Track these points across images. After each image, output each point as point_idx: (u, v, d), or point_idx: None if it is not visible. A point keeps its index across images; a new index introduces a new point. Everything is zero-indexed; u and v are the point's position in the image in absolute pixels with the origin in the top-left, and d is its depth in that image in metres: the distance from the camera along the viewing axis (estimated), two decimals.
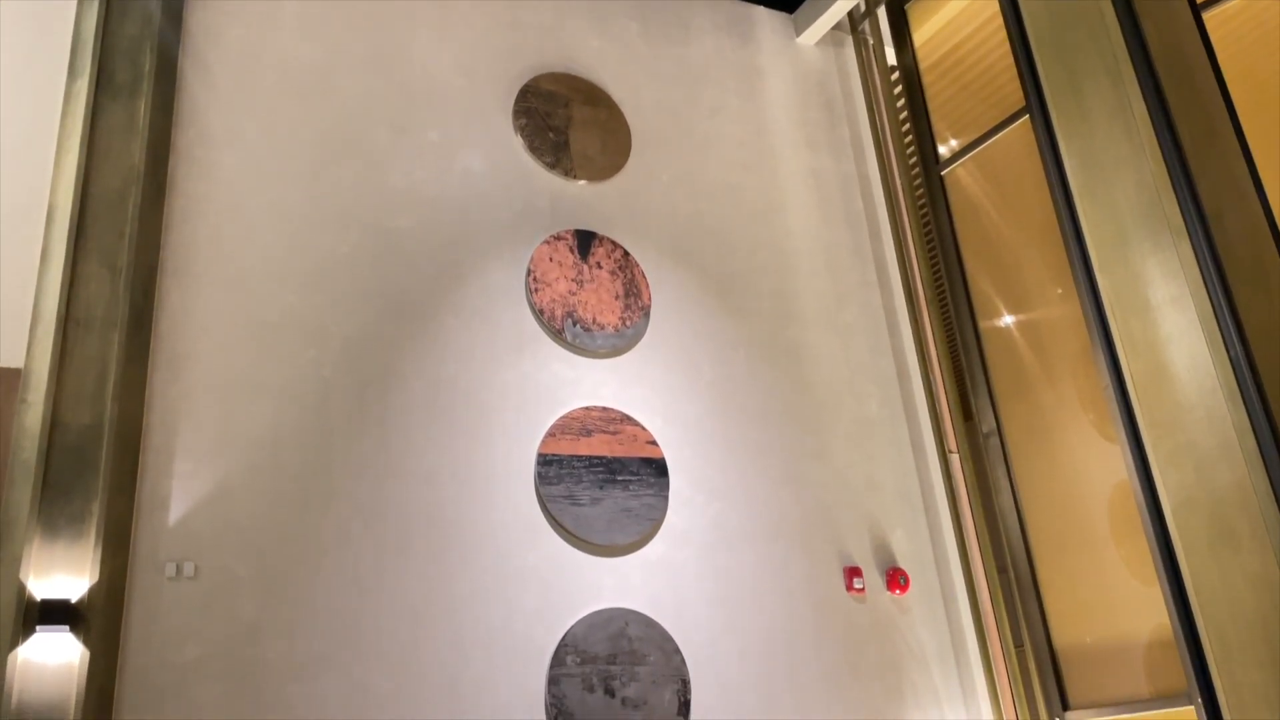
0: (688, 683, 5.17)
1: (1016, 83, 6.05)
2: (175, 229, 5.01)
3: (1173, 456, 4.83)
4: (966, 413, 6.51)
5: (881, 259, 7.04)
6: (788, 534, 5.84)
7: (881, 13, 7.49)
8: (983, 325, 6.32)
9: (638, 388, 5.80)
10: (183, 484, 4.59)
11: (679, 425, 5.81)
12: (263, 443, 4.81)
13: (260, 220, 5.22)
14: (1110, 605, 5.43)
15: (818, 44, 7.63)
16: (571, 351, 5.72)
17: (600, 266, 5.98)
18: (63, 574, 4.13)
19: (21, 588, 4.04)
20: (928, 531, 6.29)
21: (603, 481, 5.44)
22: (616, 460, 5.52)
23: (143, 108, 5.00)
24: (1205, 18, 5.26)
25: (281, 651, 4.49)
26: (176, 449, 4.63)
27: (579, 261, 5.93)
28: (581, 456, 5.44)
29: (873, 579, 5.95)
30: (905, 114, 7.26)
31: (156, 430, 4.63)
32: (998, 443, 6.10)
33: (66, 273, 4.53)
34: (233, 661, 4.39)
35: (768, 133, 7.07)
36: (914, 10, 7.11)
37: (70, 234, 4.60)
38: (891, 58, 7.46)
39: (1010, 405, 6.11)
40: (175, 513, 4.53)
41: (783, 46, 7.48)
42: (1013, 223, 6.26)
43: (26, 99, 4.95)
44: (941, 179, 6.67)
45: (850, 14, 7.73)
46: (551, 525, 5.26)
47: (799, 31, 7.52)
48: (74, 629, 4.06)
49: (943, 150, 6.73)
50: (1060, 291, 5.81)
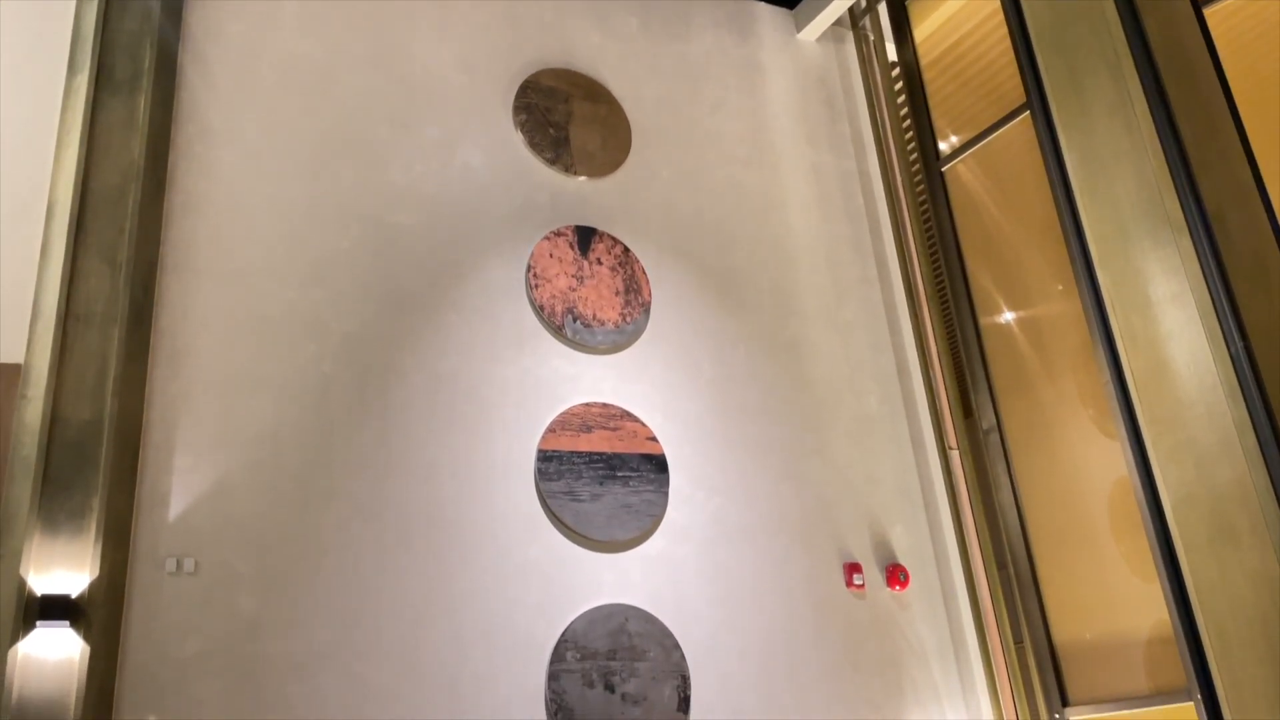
0: (688, 679, 5.18)
1: (1017, 79, 6.04)
2: (175, 224, 5.01)
3: (1173, 453, 4.83)
4: (966, 409, 6.51)
5: (882, 255, 7.04)
6: (788, 530, 5.84)
7: (882, 9, 7.48)
8: (983, 321, 6.32)
9: (638, 384, 5.80)
10: (183, 479, 4.59)
11: (679, 421, 5.81)
12: (263, 438, 4.81)
13: (260, 216, 5.22)
14: (1110, 601, 5.43)
15: (818, 40, 7.62)
16: (571, 347, 5.72)
17: (600, 263, 5.97)
18: (63, 569, 4.13)
19: (22, 583, 4.04)
20: (927, 528, 6.29)
21: (603, 477, 5.44)
22: (616, 456, 5.52)
23: (142, 104, 4.99)
24: (1206, 14, 5.25)
25: (281, 647, 4.50)
26: (177, 444, 4.64)
27: (579, 258, 5.93)
28: (581, 452, 5.44)
29: (872, 575, 5.95)
30: (906, 110, 7.25)
31: (157, 426, 4.63)
32: (998, 439, 6.10)
33: (66, 268, 4.53)
34: (233, 657, 4.40)
35: (768, 129, 7.06)
36: (915, 6, 7.09)
37: (70, 229, 4.59)
38: (892, 54, 7.45)
39: (1010, 401, 6.11)
40: (175, 508, 4.54)
41: (783, 42, 7.47)
42: (1013, 219, 6.25)
43: (26, 94, 4.94)
44: (942, 175, 6.66)
45: (851, 10, 7.72)
46: (551, 521, 5.27)
47: (800, 27, 7.52)
48: (74, 624, 4.07)
49: (943, 146, 6.72)
50: (1060, 288, 5.81)
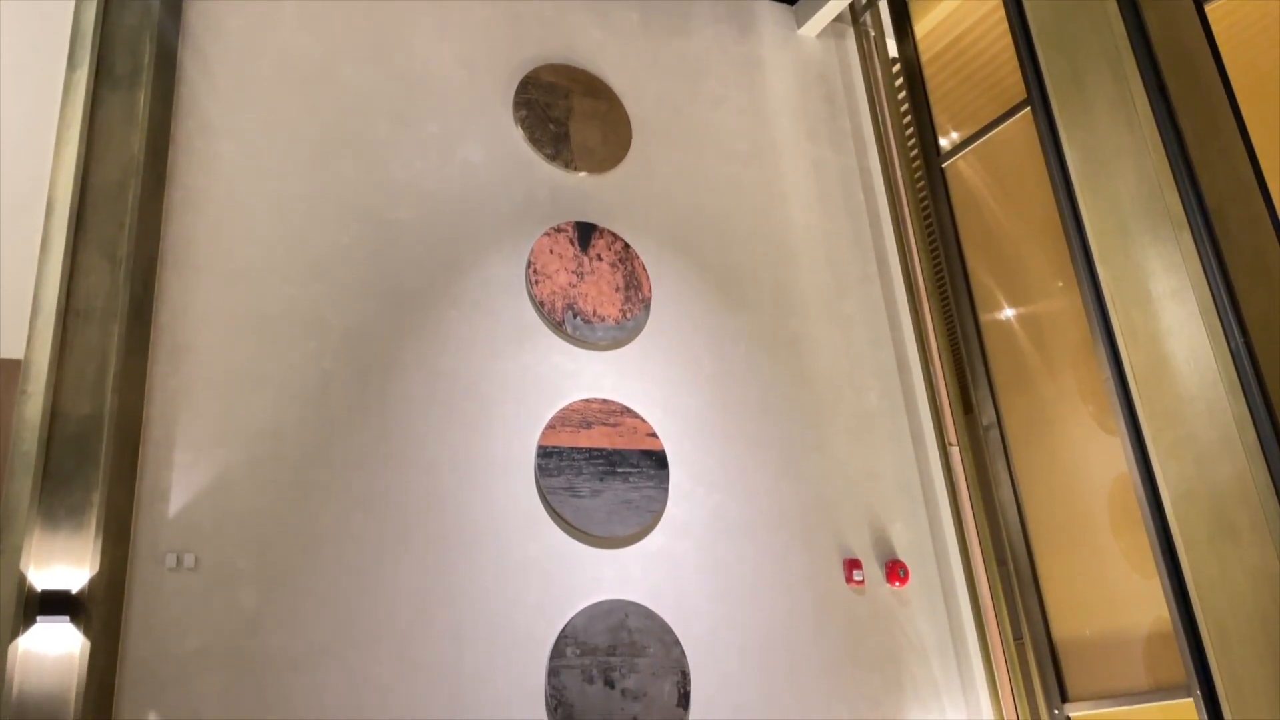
0: (687, 674, 5.18)
1: (1018, 75, 6.03)
2: (175, 220, 5.01)
3: (1173, 449, 4.83)
4: (966, 405, 6.51)
5: (882, 251, 7.04)
6: (788, 526, 5.84)
7: (883, 4, 7.47)
8: (983, 317, 6.31)
9: (638, 380, 5.80)
10: (183, 475, 4.59)
11: (679, 417, 5.81)
12: (263, 434, 4.81)
13: (260, 212, 5.22)
14: (1110, 598, 5.43)
15: (819, 36, 7.61)
16: (571, 344, 5.72)
17: (600, 259, 5.97)
18: (63, 565, 4.13)
19: (22, 578, 4.04)
20: (927, 524, 6.29)
21: (603, 473, 5.44)
22: (617, 452, 5.52)
23: (142, 99, 4.99)
24: (1208, 10, 5.24)
25: (282, 642, 4.50)
26: (177, 440, 4.64)
27: (579, 254, 5.93)
28: (582, 448, 5.44)
29: (872, 571, 5.96)
30: (906, 106, 7.24)
31: (157, 421, 4.63)
32: (998, 435, 6.10)
33: (66, 264, 4.52)
34: (233, 652, 4.40)
35: (769, 125, 7.06)
36: (916, 2, 7.08)
37: (70, 225, 4.59)
38: (893, 49, 7.44)
39: (1010, 398, 6.11)
40: (175, 504, 4.54)
41: (784, 38, 7.46)
42: (1014, 215, 6.24)
43: (26, 90, 4.94)
44: (942, 171, 6.66)
45: (851, 6, 7.71)
46: (551, 517, 5.27)
47: (800, 23, 7.51)
48: (74, 620, 4.07)
49: (944, 142, 6.72)
50: (1061, 284, 5.81)
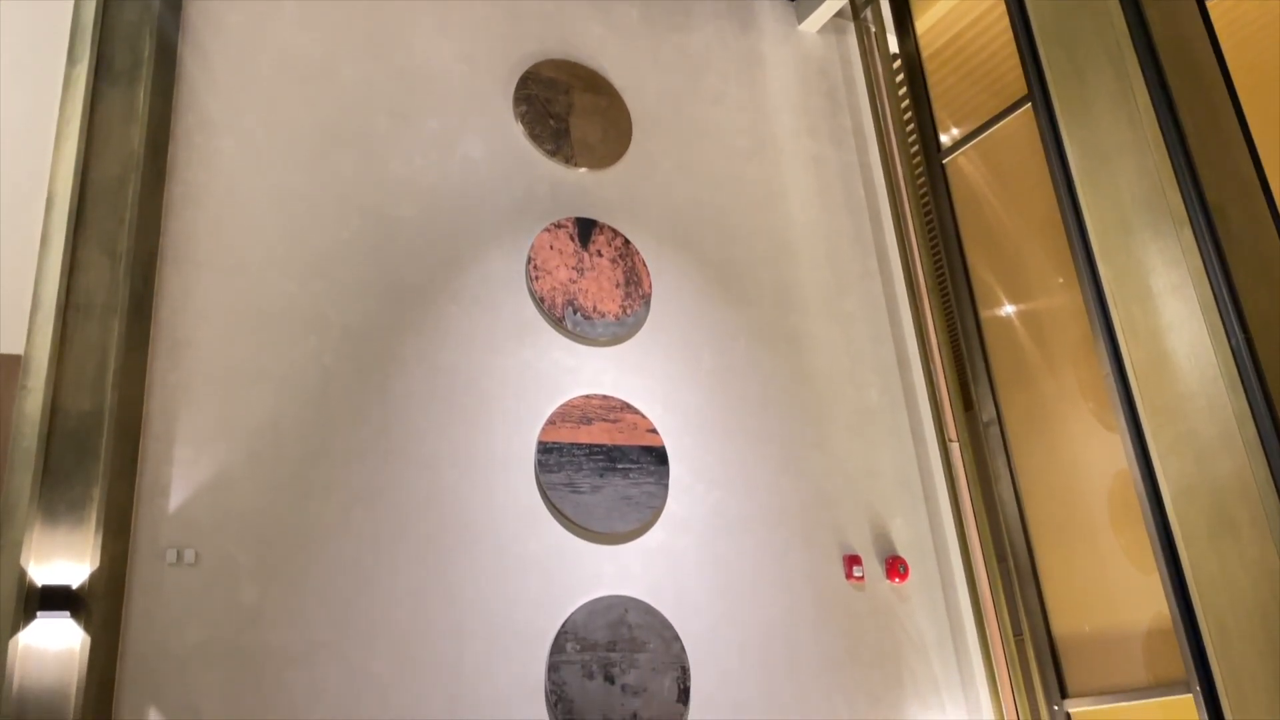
0: (687, 670, 5.18)
1: (1019, 71, 6.02)
2: (175, 216, 5.01)
3: (1173, 445, 4.83)
4: (967, 401, 6.51)
5: (882, 247, 7.03)
6: (788, 522, 5.84)
7: (884, 0, 7.46)
8: (983, 314, 6.31)
9: (638, 376, 5.80)
10: (183, 471, 4.59)
11: (679, 413, 5.81)
12: (263, 430, 4.81)
13: (260, 207, 5.22)
14: (1109, 594, 5.43)
15: (819, 31, 7.60)
16: (572, 339, 5.72)
17: (601, 254, 5.97)
18: (63, 560, 4.14)
19: (22, 573, 4.05)
20: (927, 520, 6.29)
21: (603, 469, 5.44)
22: (617, 448, 5.52)
23: (142, 94, 4.98)
24: (1209, 6, 5.23)
25: (282, 638, 4.50)
26: (177, 436, 4.64)
27: (579, 249, 5.92)
28: (582, 444, 5.44)
29: (872, 567, 5.96)
30: (907, 102, 7.23)
31: (157, 417, 4.63)
32: (998, 431, 6.10)
33: (66, 259, 4.52)
34: (233, 647, 4.41)
35: (769, 120, 7.05)
36: None
37: (70, 220, 4.59)
38: (894, 45, 7.43)
39: (1010, 394, 6.10)
40: (176, 499, 4.54)
41: (784, 34, 7.45)
42: (1014, 211, 6.24)
43: (26, 85, 4.93)
44: (943, 167, 6.65)
45: (852, 1, 7.70)
46: (552, 513, 5.27)
47: (801, 19, 7.49)
48: (75, 615, 4.07)
49: (944, 138, 6.71)
50: (1061, 280, 5.80)
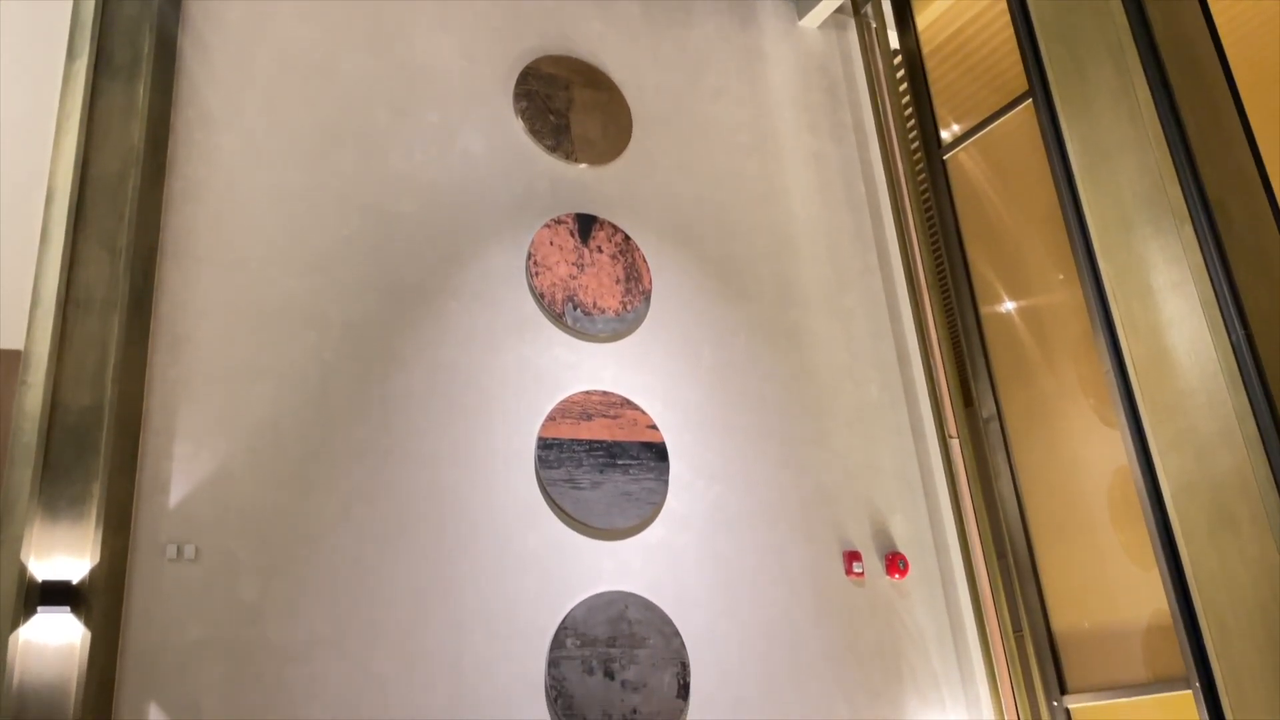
0: (687, 665, 5.19)
1: (1020, 67, 6.02)
2: (175, 211, 5.00)
3: (1173, 441, 4.83)
4: (967, 398, 6.51)
5: (883, 243, 7.03)
6: (787, 518, 5.85)
7: None
8: (984, 310, 6.31)
9: (638, 372, 5.79)
10: (183, 466, 4.59)
11: (679, 410, 5.81)
12: (263, 426, 4.81)
13: (260, 203, 5.21)
14: (1109, 590, 5.44)
15: (820, 27, 7.59)
16: (572, 335, 5.71)
17: (601, 250, 5.96)
18: (64, 555, 4.14)
19: (22, 569, 4.05)
20: (927, 516, 6.29)
21: (603, 465, 5.44)
22: (617, 444, 5.52)
23: (142, 89, 4.97)
24: (1210, 2, 5.23)
25: (282, 633, 4.51)
26: (177, 431, 4.64)
27: (579, 245, 5.92)
28: (582, 440, 5.44)
29: (872, 563, 5.96)
30: (908, 98, 7.22)
31: (157, 412, 4.63)
32: (998, 428, 6.10)
33: (66, 254, 4.52)
34: (234, 643, 4.41)
35: (770, 116, 7.04)
36: None
37: (70, 215, 4.58)
38: (894, 41, 7.42)
39: (1011, 390, 6.10)
40: (176, 495, 4.54)
41: (785, 29, 7.44)
42: (1015, 208, 6.24)
43: (26, 80, 4.93)
44: (943, 163, 6.64)
45: None
46: (552, 509, 5.27)
47: (801, 15, 7.48)
48: (75, 610, 4.07)
49: (945, 135, 6.70)
50: (1061, 277, 5.80)
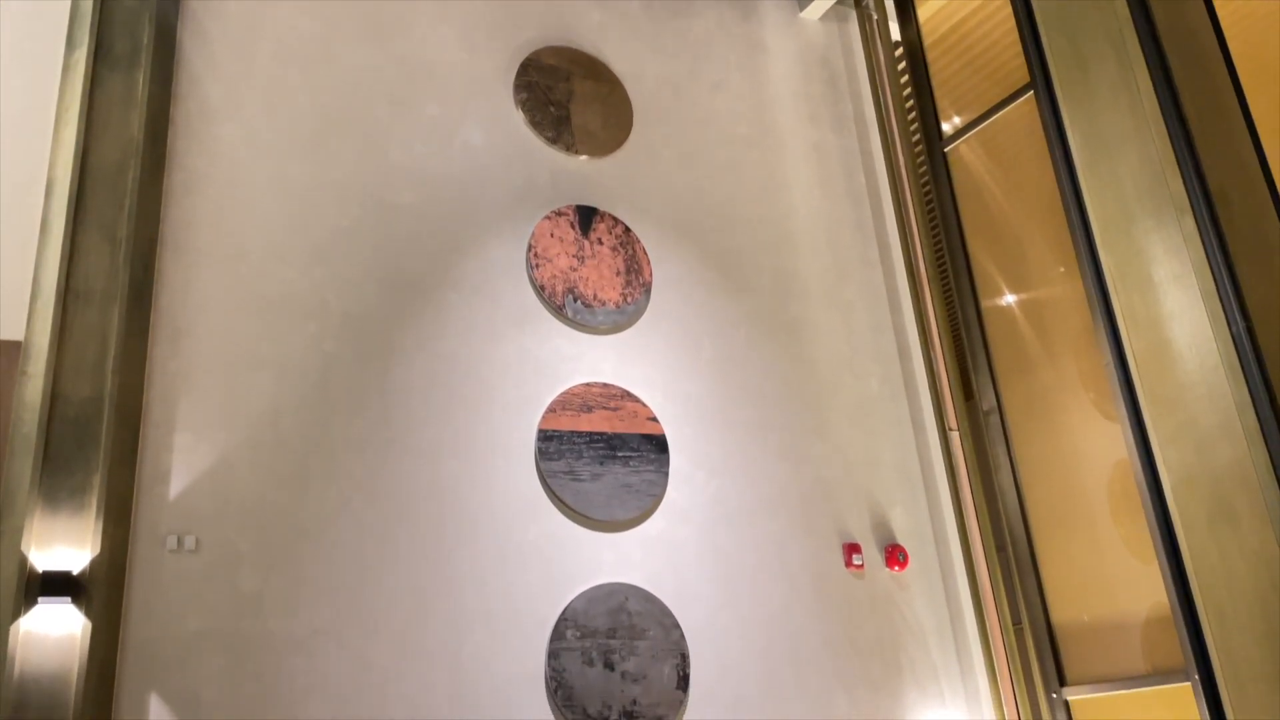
0: (687, 657, 5.19)
1: (1021, 59, 6.00)
2: (175, 202, 5.00)
3: (1173, 434, 4.83)
4: (967, 391, 6.50)
5: (883, 236, 7.02)
6: (787, 510, 5.85)
7: None
8: (984, 303, 6.30)
9: (638, 364, 5.79)
10: (184, 457, 4.59)
11: (679, 402, 5.81)
12: (264, 417, 4.81)
13: (260, 194, 5.20)
14: (1109, 583, 5.44)
15: (821, 18, 7.56)
16: (572, 327, 5.71)
17: (601, 243, 5.95)
18: (64, 546, 4.14)
19: (23, 559, 4.05)
20: (927, 509, 6.30)
21: (603, 457, 5.44)
22: (617, 436, 5.52)
23: (141, 80, 4.96)
24: None
25: (282, 625, 4.51)
26: (177, 422, 4.64)
27: (580, 237, 5.91)
28: (582, 432, 5.44)
29: (872, 555, 5.97)
30: (909, 90, 7.21)
31: (157, 404, 4.63)
32: (998, 420, 6.10)
33: (66, 245, 4.51)
34: (234, 634, 4.42)
35: (770, 108, 7.03)
36: None
37: (69, 206, 4.57)
38: (896, 33, 7.40)
39: (1011, 383, 6.10)
40: (176, 486, 4.54)
41: (786, 20, 7.42)
42: (1015, 200, 6.23)
43: (25, 71, 4.92)
44: (944, 156, 6.63)
45: None
46: (552, 500, 5.27)
47: (802, 6, 7.46)
48: (75, 601, 4.08)
49: (946, 127, 6.69)
50: (1062, 269, 5.79)
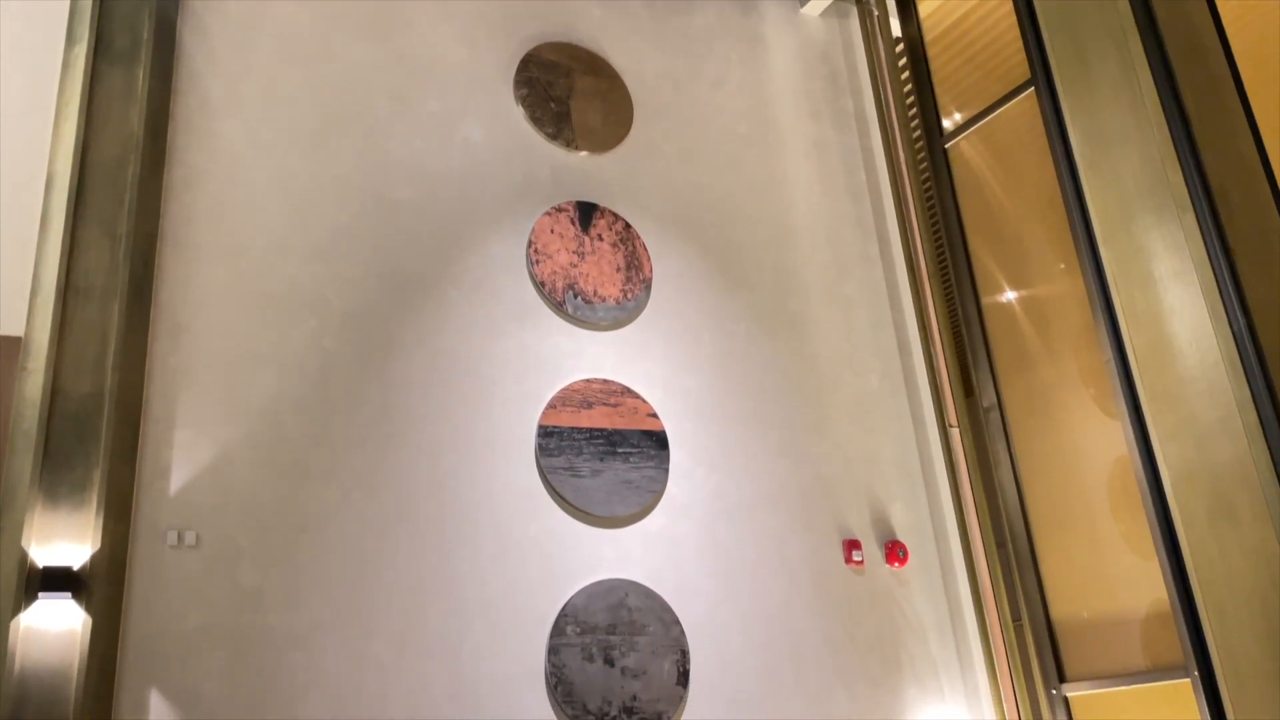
0: (687, 653, 5.20)
1: (1022, 55, 6.00)
2: (175, 198, 4.99)
3: (1174, 431, 4.83)
4: (967, 387, 6.51)
5: (884, 232, 7.01)
6: (787, 507, 5.85)
7: None
8: (984, 299, 6.30)
9: (638, 360, 5.79)
10: (184, 453, 4.59)
11: (680, 398, 5.81)
12: (264, 413, 4.81)
13: (260, 190, 5.20)
14: (1108, 579, 5.45)
15: (822, 15, 7.56)
16: (572, 324, 5.71)
17: (601, 239, 5.95)
18: (64, 541, 4.14)
19: (23, 555, 4.05)
20: (927, 505, 6.30)
21: (603, 453, 5.44)
22: (617, 432, 5.52)
23: (141, 75, 4.95)
24: None
25: (283, 620, 4.51)
26: (177, 418, 4.63)
27: (580, 233, 5.91)
28: (582, 428, 5.44)
29: (872, 552, 5.97)
30: (909, 86, 7.21)
31: (157, 399, 4.63)
32: (998, 417, 6.10)
33: (66, 241, 4.50)
34: (234, 630, 4.42)
35: (770, 104, 7.02)
36: None
37: (69, 202, 4.57)
38: (896, 29, 7.40)
39: (1011, 380, 6.10)
40: (176, 482, 4.54)
41: (787, 17, 7.41)
42: (1016, 197, 6.22)
43: (25, 65, 4.91)
44: (945, 152, 6.63)
45: None
46: (552, 496, 5.27)
47: (803, 2, 7.45)
48: (76, 596, 4.08)
49: (946, 123, 6.69)
50: (1063, 266, 5.79)
